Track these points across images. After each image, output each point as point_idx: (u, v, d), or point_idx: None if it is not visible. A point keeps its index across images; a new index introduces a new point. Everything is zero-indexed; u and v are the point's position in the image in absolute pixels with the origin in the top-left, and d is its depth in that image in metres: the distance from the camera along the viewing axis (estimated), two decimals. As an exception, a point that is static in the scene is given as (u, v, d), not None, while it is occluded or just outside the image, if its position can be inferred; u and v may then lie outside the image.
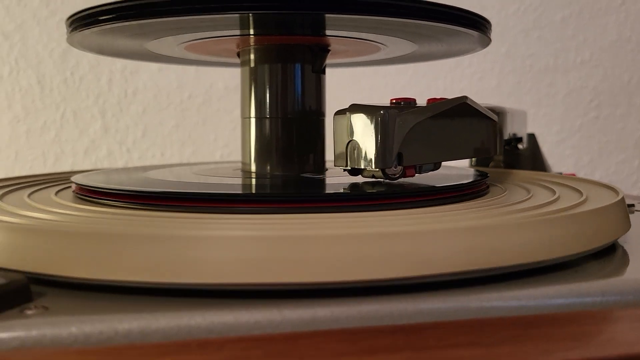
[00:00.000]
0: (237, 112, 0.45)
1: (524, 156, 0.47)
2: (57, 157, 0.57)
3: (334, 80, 0.45)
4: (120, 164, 0.59)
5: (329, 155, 0.32)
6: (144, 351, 0.16)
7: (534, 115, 0.67)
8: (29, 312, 0.17)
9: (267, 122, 0.33)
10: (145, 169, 0.37)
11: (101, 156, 0.58)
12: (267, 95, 0.33)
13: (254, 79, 0.33)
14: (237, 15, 0.26)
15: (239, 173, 0.34)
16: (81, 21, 0.28)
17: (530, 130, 0.54)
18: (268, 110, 0.33)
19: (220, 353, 0.16)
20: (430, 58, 0.42)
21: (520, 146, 0.46)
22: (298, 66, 0.33)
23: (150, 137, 0.60)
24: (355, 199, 0.26)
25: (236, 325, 0.17)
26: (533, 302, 0.19)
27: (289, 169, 0.33)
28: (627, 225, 0.25)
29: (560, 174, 0.48)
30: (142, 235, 0.18)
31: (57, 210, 0.24)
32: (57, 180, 0.35)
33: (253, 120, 0.33)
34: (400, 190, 0.26)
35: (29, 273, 0.18)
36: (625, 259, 0.24)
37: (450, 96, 0.29)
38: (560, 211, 0.23)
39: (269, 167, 0.33)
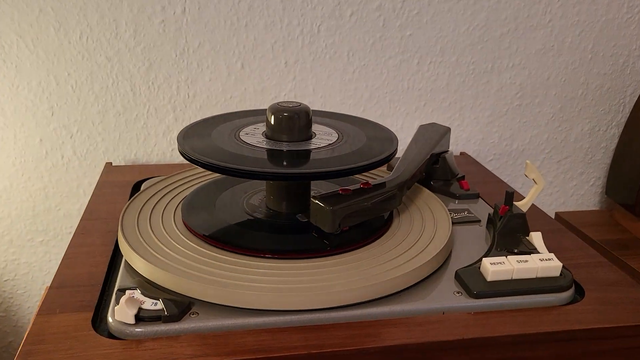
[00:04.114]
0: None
1: (438, 169, 0.75)
2: (145, 138, 0.87)
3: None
4: (185, 141, 0.88)
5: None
6: (231, 337, 0.48)
7: (472, 104, 0.93)
8: (192, 316, 0.49)
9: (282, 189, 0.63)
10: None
11: (173, 137, 0.88)
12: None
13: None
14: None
15: (265, 212, 0.64)
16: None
17: (468, 113, 0.83)
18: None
19: (264, 334, 0.48)
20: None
21: (435, 165, 0.75)
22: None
23: (204, 122, 0.88)
24: (318, 251, 0.56)
25: (267, 323, 0.49)
26: (373, 312, 0.50)
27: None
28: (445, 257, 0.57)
29: (463, 177, 0.77)
30: (229, 283, 0.50)
31: (194, 260, 0.55)
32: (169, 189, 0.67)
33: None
34: (336, 244, 0.57)
35: (189, 297, 0.50)
36: (437, 284, 0.55)
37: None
38: (405, 266, 0.54)
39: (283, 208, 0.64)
